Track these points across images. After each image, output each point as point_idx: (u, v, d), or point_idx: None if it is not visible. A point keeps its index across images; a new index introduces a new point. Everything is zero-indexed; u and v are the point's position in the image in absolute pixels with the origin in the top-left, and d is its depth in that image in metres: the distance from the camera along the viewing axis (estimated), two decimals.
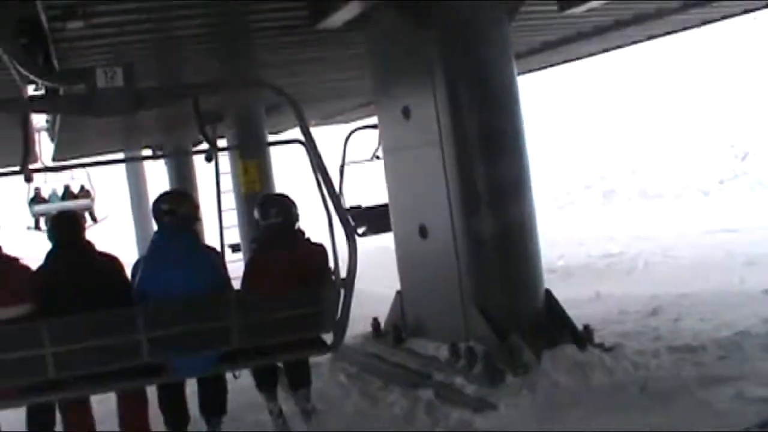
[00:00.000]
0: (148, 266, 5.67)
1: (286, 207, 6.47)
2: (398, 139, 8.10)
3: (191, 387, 6.22)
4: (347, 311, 5.30)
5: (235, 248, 15.63)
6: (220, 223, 7.30)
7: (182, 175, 19.27)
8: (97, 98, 4.99)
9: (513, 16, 7.60)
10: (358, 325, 9.69)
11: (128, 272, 5.84)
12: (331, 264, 5.63)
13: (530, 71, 13.30)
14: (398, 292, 8.50)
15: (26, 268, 5.64)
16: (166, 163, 19.66)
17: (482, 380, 6.71)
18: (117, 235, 19.88)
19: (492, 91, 7.40)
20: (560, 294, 7.75)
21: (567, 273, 13.82)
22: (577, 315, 7.68)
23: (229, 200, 14.31)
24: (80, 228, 5.98)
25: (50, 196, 19.60)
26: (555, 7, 8.21)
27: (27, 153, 5.37)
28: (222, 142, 13.81)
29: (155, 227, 5.93)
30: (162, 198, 5.98)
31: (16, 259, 5.67)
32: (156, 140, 19.29)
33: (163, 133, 17.89)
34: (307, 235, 6.44)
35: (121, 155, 20.75)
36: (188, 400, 6.20)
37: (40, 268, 5.68)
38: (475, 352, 6.96)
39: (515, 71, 7.61)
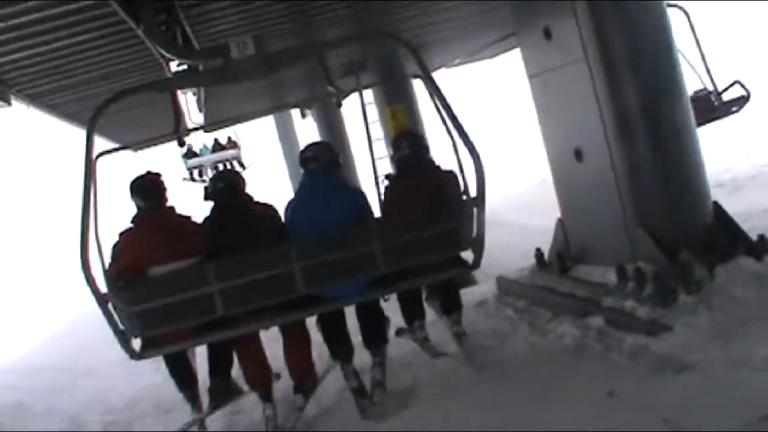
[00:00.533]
0: (297, 206, 6.26)
1: (415, 138, 7.00)
2: (542, 63, 7.85)
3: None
4: (482, 228, 5.65)
5: None
6: (374, 169, 7.87)
7: (331, 127, 19.46)
8: (232, 68, 5.63)
9: None
10: (524, 258, 9.61)
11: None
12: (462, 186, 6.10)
13: None
14: (559, 220, 8.30)
15: (198, 226, 6.27)
16: (314, 117, 19.88)
17: (654, 302, 6.46)
18: (269, 180, 20.50)
19: (635, 5, 7.05)
20: (730, 208, 7.39)
21: (735, 186, 13.13)
22: (751, 228, 7.30)
23: (381, 149, 14.37)
24: (238, 185, 6.47)
25: (201, 150, 20.63)
26: None
27: (178, 122, 6.40)
28: (368, 93, 13.81)
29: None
30: (307, 148, 6.52)
31: (188, 218, 6.34)
32: (301, 95, 19.55)
33: (306, 87, 18.10)
34: (437, 164, 6.80)
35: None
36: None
37: (206, 220, 6.27)
38: (644, 273, 6.71)
39: None
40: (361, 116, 8.43)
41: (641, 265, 6.81)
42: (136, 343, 5.78)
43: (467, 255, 5.90)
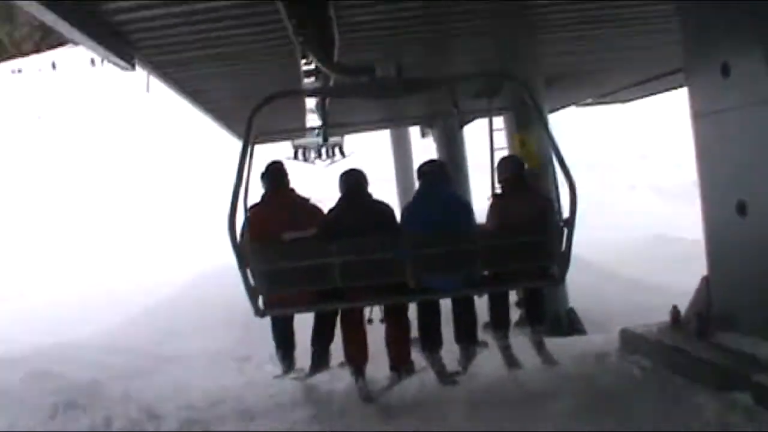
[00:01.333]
0: (413, 208, 7.47)
1: (517, 163, 8.31)
2: (714, 101, 7.03)
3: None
4: (570, 245, 6.60)
5: None
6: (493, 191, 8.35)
7: (450, 148, 18.97)
8: (376, 86, 6.91)
9: None
10: (639, 314, 8.80)
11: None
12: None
13: None
14: (704, 278, 7.40)
15: (315, 207, 7.64)
16: (434, 137, 19.49)
17: None
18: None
19: None
20: None
21: None
22: None
23: None
24: (363, 182, 7.55)
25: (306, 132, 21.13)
26: None
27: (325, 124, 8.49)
28: (499, 121, 13.14)
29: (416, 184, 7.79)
30: (425, 163, 7.82)
31: (307, 200, 7.70)
32: (424, 113, 19.15)
33: (431, 107, 17.67)
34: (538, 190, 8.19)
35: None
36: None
37: (332, 210, 7.44)
38: None
39: None
40: (483, 140, 9.11)
41: None
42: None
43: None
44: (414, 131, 24.89)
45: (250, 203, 6.87)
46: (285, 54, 9.03)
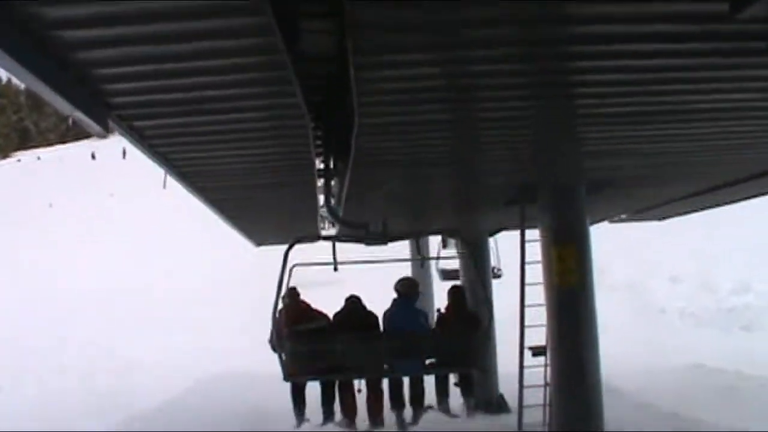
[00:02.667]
0: (391, 316, 11.56)
1: (462, 291, 12.99)
2: None
3: None
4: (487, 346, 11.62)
5: (537, 352, 13.29)
6: (522, 319, 11.36)
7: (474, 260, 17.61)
8: (369, 236, 10.52)
9: None
10: None
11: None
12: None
13: None
14: None
15: (317, 310, 12.08)
16: (457, 249, 18.02)
17: None
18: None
19: None
20: None
21: None
22: None
23: (537, 294, 12.26)
24: (360, 301, 12.04)
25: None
26: None
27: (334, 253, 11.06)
28: (533, 233, 11.79)
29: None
30: (400, 280, 12.15)
31: (309, 305, 12.25)
32: (449, 224, 17.94)
33: (457, 218, 16.50)
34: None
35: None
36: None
37: (336, 314, 11.93)
38: None
39: None
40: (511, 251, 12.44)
41: None
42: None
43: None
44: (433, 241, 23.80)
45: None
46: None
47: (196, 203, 11.81)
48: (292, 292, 11.70)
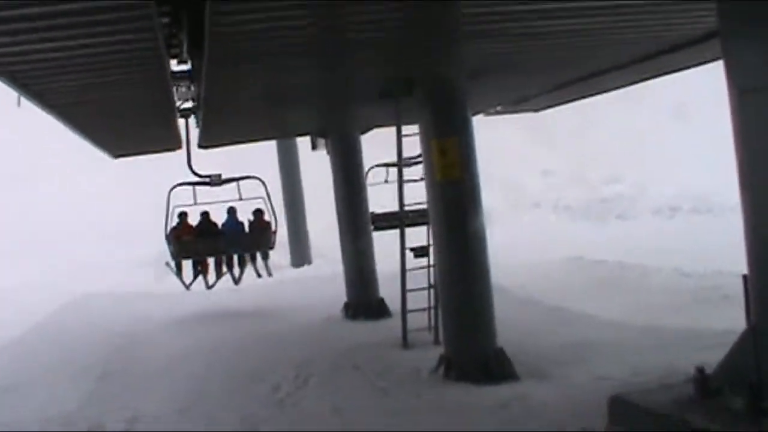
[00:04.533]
0: (223, 225, 18.44)
1: (257, 210, 18.01)
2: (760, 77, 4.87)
3: None
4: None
5: (418, 252, 12.73)
6: (401, 220, 10.56)
7: (347, 161, 16.73)
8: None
9: None
10: (591, 355, 8.36)
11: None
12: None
13: None
14: (750, 329, 5.14)
15: (192, 225, 18.23)
16: (327, 149, 17.04)
17: None
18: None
19: None
20: None
21: None
22: None
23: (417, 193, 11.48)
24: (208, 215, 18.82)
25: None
26: None
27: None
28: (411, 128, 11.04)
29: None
30: (228, 208, 18.16)
31: (191, 225, 18.16)
32: (315, 126, 16.91)
33: (323, 118, 15.56)
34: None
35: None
36: None
37: (198, 223, 18.38)
38: None
39: None
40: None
41: None
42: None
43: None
44: (302, 143, 23.13)
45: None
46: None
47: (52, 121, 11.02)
48: (183, 217, 17.77)
